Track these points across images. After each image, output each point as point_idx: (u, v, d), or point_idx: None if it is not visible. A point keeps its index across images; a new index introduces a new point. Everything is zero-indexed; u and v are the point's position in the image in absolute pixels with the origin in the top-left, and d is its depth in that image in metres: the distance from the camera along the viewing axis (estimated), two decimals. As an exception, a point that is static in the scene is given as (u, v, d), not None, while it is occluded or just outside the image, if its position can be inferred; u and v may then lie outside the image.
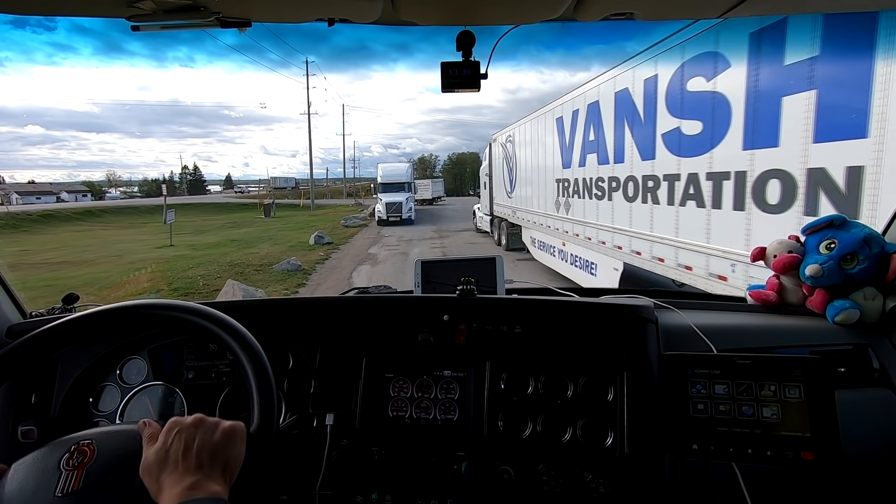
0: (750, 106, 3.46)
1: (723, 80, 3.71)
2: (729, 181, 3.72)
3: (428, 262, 1.37)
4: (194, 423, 0.66)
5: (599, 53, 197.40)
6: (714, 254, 3.94)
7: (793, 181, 3.12)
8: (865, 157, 2.62)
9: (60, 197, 75.33)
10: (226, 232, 21.33)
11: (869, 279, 1.19)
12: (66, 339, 0.80)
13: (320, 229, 17.22)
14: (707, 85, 3.88)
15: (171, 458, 0.62)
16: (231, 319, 0.81)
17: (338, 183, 75.30)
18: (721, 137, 3.76)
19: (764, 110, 3.33)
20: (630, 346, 1.06)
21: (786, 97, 3.12)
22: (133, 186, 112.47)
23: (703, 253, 4.09)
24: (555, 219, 7.94)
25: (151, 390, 1.15)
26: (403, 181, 24.57)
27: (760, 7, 0.90)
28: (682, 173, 4.32)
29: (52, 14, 0.94)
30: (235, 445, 0.67)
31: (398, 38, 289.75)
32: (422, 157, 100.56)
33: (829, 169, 2.86)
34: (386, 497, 1.03)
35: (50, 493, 0.62)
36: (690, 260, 4.28)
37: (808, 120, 2.97)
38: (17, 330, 1.25)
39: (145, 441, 0.66)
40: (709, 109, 3.89)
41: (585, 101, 6.30)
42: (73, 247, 18.11)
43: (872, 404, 1.09)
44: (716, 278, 3.92)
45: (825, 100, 2.87)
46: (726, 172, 3.74)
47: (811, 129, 2.95)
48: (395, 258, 12.27)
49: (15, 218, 28.56)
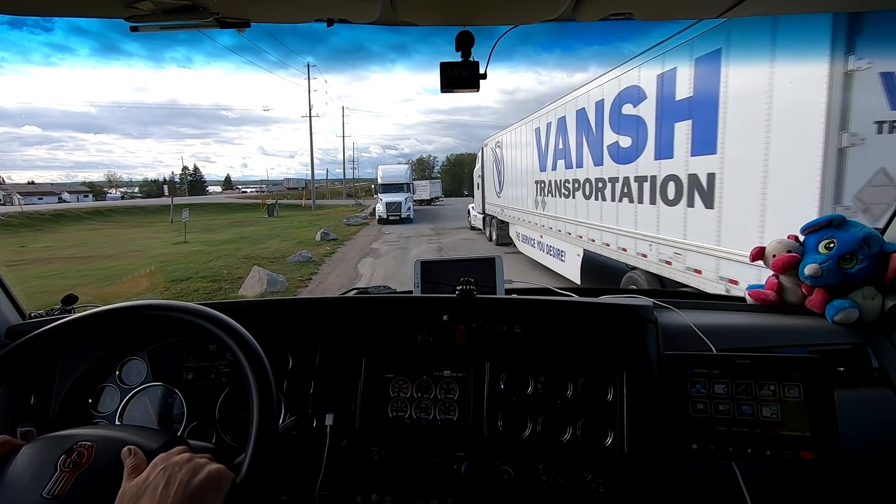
0: (657, 127, 4.71)
1: (642, 107, 4.96)
2: (647, 183, 4.97)
3: (427, 262, 1.37)
4: (180, 461, 0.66)
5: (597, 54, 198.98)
6: (639, 238, 5.20)
7: (681, 182, 4.39)
8: (716, 167, 3.89)
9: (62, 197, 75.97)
10: (233, 230, 22.26)
11: (868, 279, 1.18)
12: (66, 340, 0.80)
13: (324, 227, 18.46)
14: (633, 110, 5.14)
15: (148, 493, 0.62)
16: (230, 320, 0.80)
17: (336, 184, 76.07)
18: (642, 150, 5.01)
19: (665, 131, 4.57)
20: (630, 345, 1.06)
21: (676, 123, 4.38)
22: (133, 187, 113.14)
23: (632, 238, 5.35)
24: (534, 215, 9.18)
25: (151, 391, 1.15)
26: (402, 182, 25.65)
27: (759, 7, 0.90)
28: (619, 176, 5.57)
29: (51, 14, 0.93)
30: (214, 493, 0.66)
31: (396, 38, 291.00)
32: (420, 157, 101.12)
33: (698, 174, 4.13)
34: (386, 497, 1.03)
35: (38, 491, 0.63)
36: (625, 244, 5.52)
37: (688, 140, 4.23)
38: (17, 331, 1.24)
39: (127, 471, 0.65)
40: (635, 129, 5.14)
41: (556, 116, 7.55)
42: (92, 244, 19.09)
43: (872, 404, 1.09)
44: (640, 256, 5.18)
45: (696, 126, 4.13)
46: (645, 176, 5.00)
47: (689, 146, 4.22)
48: (396, 252, 13.42)
49: (29, 217, 29.75)
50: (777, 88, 3.25)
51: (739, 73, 3.62)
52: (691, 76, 4.11)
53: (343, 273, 10.47)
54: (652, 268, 4.99)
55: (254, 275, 8.67)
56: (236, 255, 13.27)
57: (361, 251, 13.79)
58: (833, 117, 2.84)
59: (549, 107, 7.90)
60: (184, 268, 11.54)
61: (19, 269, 13.00)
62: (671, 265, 4.62)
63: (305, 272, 10.48)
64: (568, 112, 7.01)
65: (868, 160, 2.84)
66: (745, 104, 3.55)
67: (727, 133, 3.73)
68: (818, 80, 2.89)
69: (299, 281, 9.58)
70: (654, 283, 5.03)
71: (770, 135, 3.32)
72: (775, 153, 3.29)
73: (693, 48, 4.06)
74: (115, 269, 12.26)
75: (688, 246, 4.33)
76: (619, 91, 5.39)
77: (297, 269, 10.69)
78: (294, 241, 16.07)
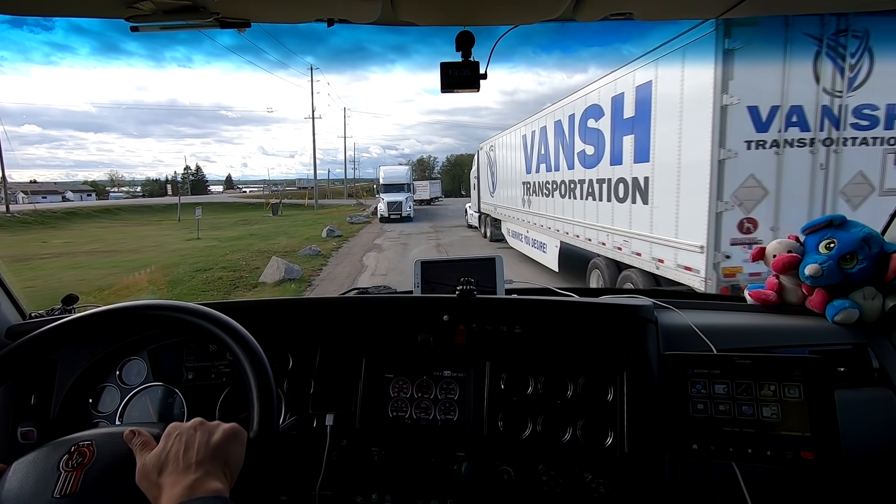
0: (612, 139, 5.82)
1: (602, 122, 6.06)
2: (605, 184, 6.08)
3: (428, 262, 1.37)
4: (193, 425, 0.67)
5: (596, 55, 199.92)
6: (600, 229, 6.32)
7: (627, 185, 5.49)
8: (649, 172, 4.99)
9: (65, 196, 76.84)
10: (240, 228, 23.18)
11: (868, 279, 1.18)
12: (66, 340, 0.80)
13: (329, 225, 19.53)
14: (595, 124, 6.24)
15: (171, 460, 0.62)
16: (231, 320, 0.81)
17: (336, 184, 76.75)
18: (602, 157, 6.12)
19: (617, 142, 5.69)
20: (630, 346, 1.06)
21: (624, 136, 5.48)
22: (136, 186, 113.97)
23: (594, 230, 6.48)
24: (521, 212, 10.29)
25: (151, 391, 1.15)
26: (403, 182, 26.70)
27: (759, 7, 0.90)
28: (585, 179, 6.69)
29: (52, 14, 0.92)
30: (235, 446, 0.67)
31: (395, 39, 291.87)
32: (420, 158, 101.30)
33: (639, 178, 5.23)
34: (386, 497, 1.03)
35: (48, 493, 0.62)
36: (590, 235, 6.64)
37: (632, 150, 5.33)
38: (17, 331, 1.24)
39: (138, 448, 0.65)
40: (596, 139, 6.25)
41: (539, 125, 8.67)
42: (109, 240, 20.07)
43: (872, 404, 1.09)
44: (601, 244, 6.28)
45: (637, 139, 5.23)
46: (604, 179, 6.10)
47: (633, 155, 5.32)
48: (397, 247, 14.48)
49: (42, 215, 30.76)
50: (685, 114, 4.36)
51: (663, 101, 4.73)
52: (634, 100, 5.21)
53: (350, 264, 11.56)
54: (609, 254, 6.10)
55: (272, 264, 9.76)
56: (249, 249, 14.32)
57: (365, 246, 14.88)
58: (716, 138, 3.94)
59: (535, 116, 9.00)
60: (203, 260, 12.60)
61: (49, 261, 14.04)
62: (622, 251, 5.72)
63: (316, 264, 11.56)
64: (548, 122, 8.12)
65: (740, 168, 3.94)
66: (666, 125, 4.65)
67: (656, 146, 4.85)
68: (707, 111, 3.99)
69: (311, 270, 10.65)
70: (613, 267, 6.13)
71: (681, 149, 4.43)
72: (684, 162, 4.40)
73: (635, 77, 5.17)
74: (139, 262, 13.30)
75: (632, 234, 5.43)
76: (586, 107, 6.50)
77: (307, 262, 11.76)
78: (301, 238, 17.10)
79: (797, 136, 3.95)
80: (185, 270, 11.16)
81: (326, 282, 9.66)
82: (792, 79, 3.87)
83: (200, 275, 10.44)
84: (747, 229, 4.04)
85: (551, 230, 8.35)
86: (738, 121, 3.88)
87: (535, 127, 8.91)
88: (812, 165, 4.01)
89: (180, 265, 12.00)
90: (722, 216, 4.01)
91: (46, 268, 12.54)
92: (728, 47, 3.76)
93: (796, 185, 4.01)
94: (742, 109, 3.86)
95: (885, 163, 4.03)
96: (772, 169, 3.98)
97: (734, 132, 3.90)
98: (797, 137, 3.95)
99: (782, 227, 4.05)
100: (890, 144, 4.00)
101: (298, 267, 9.93)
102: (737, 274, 4.09)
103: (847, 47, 3.85)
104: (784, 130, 3.93)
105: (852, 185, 4.06)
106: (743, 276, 4.09)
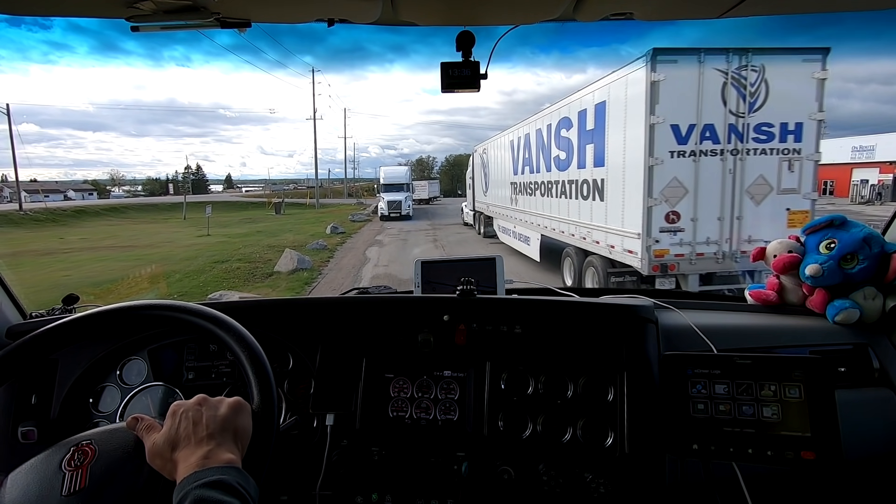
0: (579, 147, 6.98)
1: (571, 132, 7.21)
2: (573, 185, 7.24)
3: (428, 262, 1.37)
4: (198, 402, 0.68)
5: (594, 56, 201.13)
6: (569, 223, 7.51)
7: (590, 185, 6.63)
8: (605, 174, 6.12)
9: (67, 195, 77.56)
10: (246, 226, 23.87)
11: (869, 279, 1.19)
12: (66, 340, 0.80)
13: (332, 223, 20.61)
14: (567, 134, 7.39)
15: (182, 436, 0.63)
16: (231, 320, 0.81)
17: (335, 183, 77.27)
18: (571, 162, 7.27)
19: (582, 150, 6.86)
20: (630, 346, 1.06)
21: (587, 144, 6.62)
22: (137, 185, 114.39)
23: (566, 223, 7.66)
24: (510, 209, 11.44)
25: (151, 391, 1.15)
26: (403, 182, 27.74)
27: (759, 7, 0.91)
28: (560, 180, 7.86)
29: (52, 14, 0.92)
30: (242, 417, 0.68)
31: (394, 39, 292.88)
32: (419, 158, 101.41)
33: (593, 180, 6.38)
34: (386, 497, 1.04)
35: (56, 494, 0.62)
36: (563, 228, 7.80)
37: (592, 156, 6.47)
38: (17, 331, 1.25)
39: (144, 432, 0.66)
40: (567, 146, 7.39)
41: (524, 132, 9.84)
42: (121, 236, 20.84)
43: (872, 404, 1.10)
44: (570, 236, 7.43)
45: (596, 148, 6.37)
46: (573, 180, 7.24)
47: (593, 160, 6.45)
48: (397, 243, 15.58)
49: (53, 213, 31.71)
50: (627, 129, 5.49)
51: (613, 117, 5.87)
52: (594, 115, 6.34)
53: (355, 257, 12.67)
54: (577, 244, 7.24)
55: (286, 255, 10.86)
56: (259, 244, 15.33)
57: (367, 242, 15.98)
58: (647, 148, 5.07)
59: (521, 123, 10.17)
60: (219, 253, 13.63)
61: (73, 255, 15.04)
62: (585, 240, 6.86)
63: (324, 256, 12.65)
64: (531, 130, 9.27)
65: (666, 172, 5.08)
66: (616, 137, 5.79)
67: (609, 153, 5.98)
68: (641, 127, 5.12)
69: (320, 262, 11.74)
70: (580, 255, 7.26)
71: (625, 156, 5.56)
72: (628, 167, 5.53)
73: (594, 97, 6.29)
74: (158, 256, 14.37)
75: (593, 226, 6.58)
76: (560, 119, 7.66)
77: (315, 255, 12.80)
78: (306, 235, 18.03)
79: (710, 148, 5.10)
80: (204, 262, 12.21)
81: (334, 271, 10.77)
82: (705, 103, 5.01)
83: (219, 266, 11.49)
84: (672, 220, 5.19)
85: (533, 225, 9.51)
86: (663, 136, 5.02)
87: (521, 133, 10.06)
88: (722, 170, 5.15)
89: (198, 258, 13.05)
90: (652, 210, 5.16)
91: (74, 261, 13.58)
92: (654, 80, 4.90)
93: (710, 185, 5.16)
94: (666, 127, 5.00)
95: (780, 168, 5.18)
96: (690, 173, 5.13)
97: (660, 144, 5.04)
98: (710, 148, 5.10)
99: (700, 218, 5.21)
100: (784, 154, 5.15)
101: (309, 258, 11.04)
102: (665, 255, 5.22)
103: (747, 79, 4.99)
104: (700, 143, 5.08)
105: (755, 185, 5.20)
106: (670, 257, 5.23)
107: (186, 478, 0.58)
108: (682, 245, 5.26)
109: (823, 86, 5.01)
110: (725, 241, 5.27)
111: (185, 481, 0.57)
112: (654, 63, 4.87)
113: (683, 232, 5.23)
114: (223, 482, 0.57)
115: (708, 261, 5.30)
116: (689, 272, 5.33)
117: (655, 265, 5.23)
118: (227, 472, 0.58)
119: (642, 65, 5.00)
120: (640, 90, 5.09)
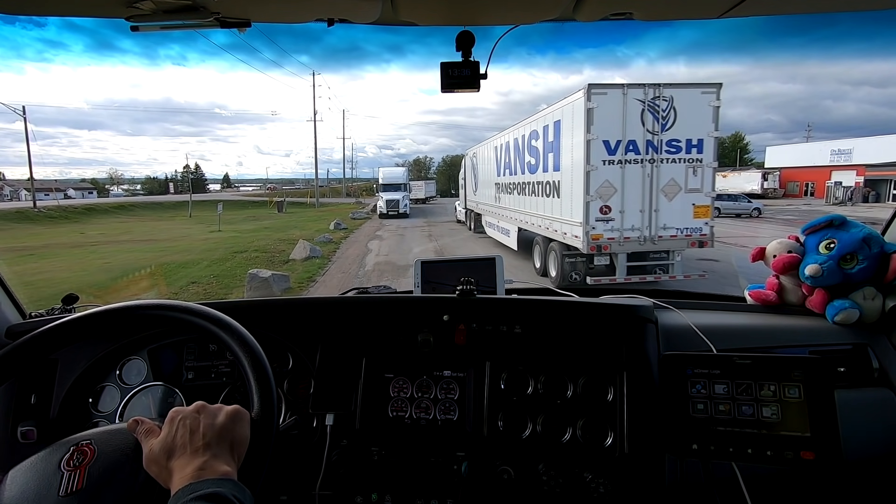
0: (544, 155, 8.68)
1: (538, 142, 8.90)
2: (540, 185, 8.93)
3: (428, 262, 1.38)
4: (196, 409, 0.68)
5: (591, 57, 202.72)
6: (537, 216, 9.25)
7: (551, 185, 8.33)
8: (560, 177, 7.82)
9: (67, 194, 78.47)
10: (252, 223, 25.01)
11: (868, 279, 1.19)
12: (66, 340, 0.80)
13: (335, 220, 22.18)
14: (535, 143, 9.09)
15: (179, 444, 0.63)
16: (230, 319, 0.81)
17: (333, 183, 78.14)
18: (538, 166, 8.98)
19: (546, 157, 8.59)
20: (630, 346, 1.07)
21: (549, 153, 8.32)
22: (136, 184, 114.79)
23: (535, 217, 9.39)
24: (494, 206, 13.13)
25: (151, 390, 1.15)
26: (400, 182, 29.29)
27: (759, 7, 0.92)
28: (531, 181, 9.58)
29: (51, 14, 0.92)
30: (240, 426, 0.68)
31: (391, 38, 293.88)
32: (416, 158, 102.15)
33: (552, 181, 8.12)
34: (386, 497, 1.04)
35: (53, 494, 0.62)
36: (532, 221, 9.51)
37: (553, 162, 8.17)
38: (17, 330, 1.26)
39: (143, 436, 0.66)
40: (536, 154, 9.08)
41: (504, 140, 11.55)
42: (137, 231, 22.03)
43: (872, 404, 1.11)
44: (538, 227, 9.13)
45: (554, 156, 8.08)
46: (540, 181, 8.94)
47: (553, 165, 8.14)
48: (395, 237, 17.27)
49: (65, 210, 32.97)
50: (573, 143, 7.17)
51: (565, 132, 7.57)
52: (553, 129, 8.03)
53: (358, 249, 14.32)
54: (543, 233, 8.95)
55: (300, 245, 12.47)
56: (271, 237, 16.92)
57: (368, 236, 17.67)
58: (585, 158, 6.76)
59: (504, 132, 11.91)
60: (235, 245, 15.21)
61: (103, 247, 16.48)
62: (548, 230, 8.55)
63: (330, 248, 14.27)
64: (510, 139, 10.97)
65: (599, 176, 6.78)
66: (566, 147, 7.47)
67: (562, 161, 7.67)
68: (581, 141, 6.80)
69: (328, 252, 13.38)
70: (545, 243, 8.93)
71: (573, 164, 7.26)
72: (574, 172, 7.22)
73: (553, 115, 7.97)
74: (180, 248, 15.84)
75: (553, 218, 8.28)
76: (531, 131, 9.38)
77: (323, 246, 14.34)
78: (312, 230, 19.30)
79: (633, 157, 6.81)
80: (224, 252, 13.76)
81: (342, 259, 12.40)
82: (628, 124, 6.72)
83: (239, 255, 13.03)
84: (605, 212, 6.90)
85: (512, 220, 11.18)
86: (597, 148, 6.72)
87: (503, 141, 11.75)
88: (643, 175, 6.86)
89: (217, 249, 14.60)
90: (590, 204, 6.85)
91: (103, 252, 15.05)
92: (589, 107, 6.58)
93: (633, 186, 6.87)
94: (599, 142, 6.70)
95: (687, 173, 6.88)
96: (618, 176, 6.83)
97: (595, 155, 6.74)
98: (633, 158, 6.81)
99: (626, 211, 6.92)
100: (689, 163, 6.85)
101: (319, 248, 12.67)
102: (600, 238, 6.92)
103: (660, 106, 6.69)
104: (625, 154, 6.79)
105: (668, 186, 6.90)
106: (603, 240, 6.93)
107: (182, 489, 0.57)
108: (613, 231, 6.97)
109: (718, 112, 6.72)
110: (646, 228, 6.99)
111: (179, 493, 0.57)
112: (590, 94, 6.56)
113: (614, 221, 6.94)
114: (218, 495, 0.56)
115: (633, 243, 7.02)
116: (619, 251, 7.05)
117: (592, 246, 6.92)
118: (223, 485, 0.58)
119: (581, 96, 6.68)
120: (581, 114, 6.76)
